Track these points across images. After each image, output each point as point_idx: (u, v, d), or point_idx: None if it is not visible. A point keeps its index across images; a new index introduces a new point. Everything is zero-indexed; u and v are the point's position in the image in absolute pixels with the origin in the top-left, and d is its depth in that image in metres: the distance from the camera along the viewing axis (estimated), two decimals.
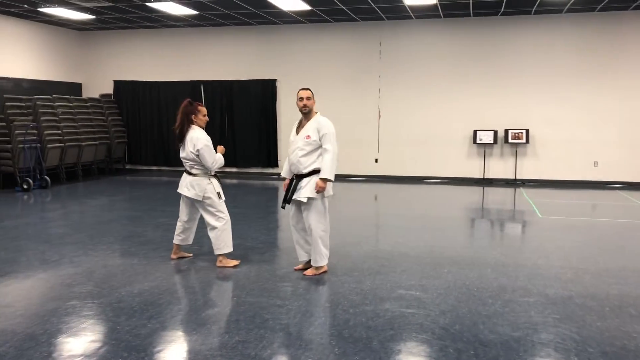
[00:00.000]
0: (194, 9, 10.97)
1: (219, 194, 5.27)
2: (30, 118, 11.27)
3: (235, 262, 5.36)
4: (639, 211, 8.80)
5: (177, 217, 5.56)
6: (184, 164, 5.34)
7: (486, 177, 12.17)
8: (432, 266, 5.37)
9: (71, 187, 11.21)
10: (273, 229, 7.47)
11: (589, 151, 11.62)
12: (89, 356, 3.34)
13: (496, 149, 12.12)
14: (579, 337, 3.66)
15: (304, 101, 4.92)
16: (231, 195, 9.03)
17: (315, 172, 4.90)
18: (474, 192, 11.00)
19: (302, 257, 5.21)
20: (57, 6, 10.72)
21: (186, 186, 5.28)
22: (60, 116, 11.94)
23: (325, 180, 4.84)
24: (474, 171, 12.26)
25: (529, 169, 11.99)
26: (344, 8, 10.86)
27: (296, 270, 5.20)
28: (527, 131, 11.68)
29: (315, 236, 4.93)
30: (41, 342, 3.54)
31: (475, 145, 12.13)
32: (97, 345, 3.52)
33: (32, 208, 8.87)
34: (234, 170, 13.50)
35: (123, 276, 5.01)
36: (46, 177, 10.80)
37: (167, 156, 13.82)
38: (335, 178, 4.90)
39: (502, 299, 4.42)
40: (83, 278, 4.95)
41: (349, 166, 12.39)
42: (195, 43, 13.46)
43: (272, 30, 12.98)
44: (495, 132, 11.84)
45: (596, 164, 11.61)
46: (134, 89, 13.91)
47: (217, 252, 5.32)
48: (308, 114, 4.96)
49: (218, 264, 5.34)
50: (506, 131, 11.80)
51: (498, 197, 10.48)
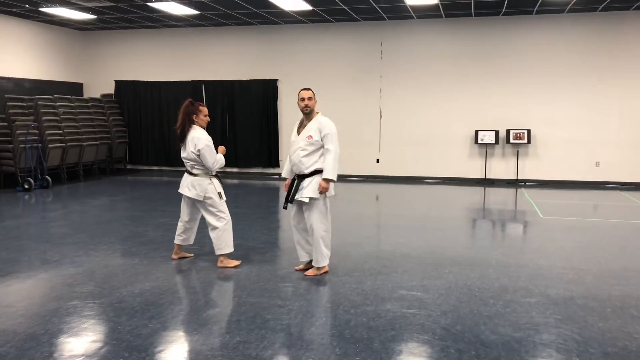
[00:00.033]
0: (195, 8, 10.98)
1: (220, 194, 5.27)
2: (32, 118, 11.28)
3: (236, 263, 5.36)
4: None
5: (178, 217, 5.56)
6: (185, 164, 5.35)
7: (488, 177, 12.16)
8: (433, 266, 5.36)
9: (72, 187, 11.22)
10: (274, 229, 7.47)
11: (590, 151, 11.60)
12: (90, 356, 3.34)
13: (498, 149, 12.12)
14: (581, 337, 3.65)
15: (305, 101, 4.92)
16: (232, 195, 9.03)
17: (317, 172, 4.90)
18: (476, 192, 10.99)
19: (302, 257, 5.20)
20: (59, 6, 10.72)
21: (187, 186, 5.28)
22: (62, 116, 11.96)
23: (328, 181, 4.84)
24: (475, 171, 12.25)
25: (530, 169, 11.98)
26: (345, 8, 10.86)
27: (297, 270, 5.20)
28: (528, 131, 11.67)
29: (316, 236, 4.92)
30: (42, 342, 3.54)
31: (476, 145, 12.13)
32: (98, 345, 3.52)
33: (34, 208, 8.88)
34: (235, 170, 13.50)
35: (124, 276, 5.01)
36: (47, 177, 10.81)
37: (168, 156, 13.82)
38: (337, 178, 4.90)
39: (503, 299, 4.41)
40: (84, 278, 4.95)
41: (350, 166, 12.39)
42: (197, 43, 13.47)
43: (273, 30, 12.98)
44: (497, 133, 11.83)
45: (598, 164, 11.60)
46: (135, 89, 13.92)
47: (218, 252, 5.32)
48: (309, 114, 4.96)
49: (219, 264, 5.34)
50: (508, 131, 11.79)
51: (499, 197, 10.47)
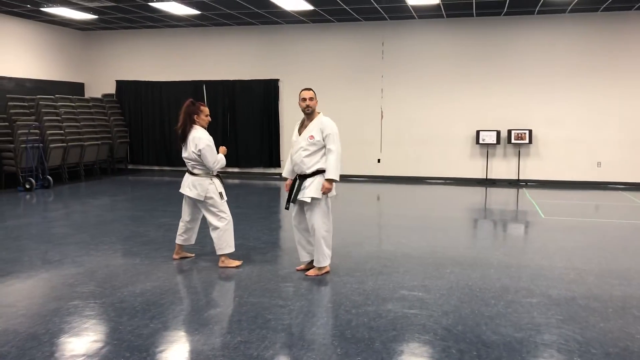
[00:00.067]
0: (197, 8, 10.98)
1: (220, 194, 5.27)
2: (33, 118, 11.29)
3: (237, 263, 5.35)
4: None
5: (179, 217, 5.56)
6: (186, 164, 5.34)
7: (489, 177, 12.15)
8: (434, 267, 5.36)
9: (73, 187, 11.22)
10: (275, 229, 7.47)
11: (592, 152, 11.59)
12: (91, 356, 3.34)
13: (499, 149, 12.11)
14: (582, 338, 3.65)
15: (306, 102, 4.91)
16: (233, 195, 9.02)
17: (318, 172, 4.90)
18: (477, 192, 10.99)
19: (303, 257, 5.20)
20: (60, 6, 10.73)
21: (188, 186, 5.28)
22: (63, 116, 11.97)
23: (331, 181, 4.84)
24: (476, 171, 12.24)
25: (532, 169, 11.97)
26: (346, 8, 10.85)
27: (298, 270, 5.19)
28: (530, 131, 11.66)
29: (318, 236, 4.92)
30: (43, 342, 3.54)
31: (478, 145, 12.12)
32: (99, 345, 3.52)
33: (35, 208, 8.89)
34: (236, 170, 13.50)
35: (125, 276, 5.01)
36: (48, 176, 10.81)
37: (169, 156, 13.83)
38: (339, 178, 4.90)
39: (504, 299, 4.41)
40: (85, 278, 4.95)
41: (351, 166, 12.38)
42: (198, 43, 13.47)
43: (274, 30, 12.98)
44: (498, 133, 11.82)
45: (599, 164, 11.58)
46: (136, 89, 13.93)
47: (219, 252, 5.32)
48: (311, 114, 4.95)
49: (220, 264, 5.33)
50: (509, 131, 11.78)
51: (501, 197, 10.46)
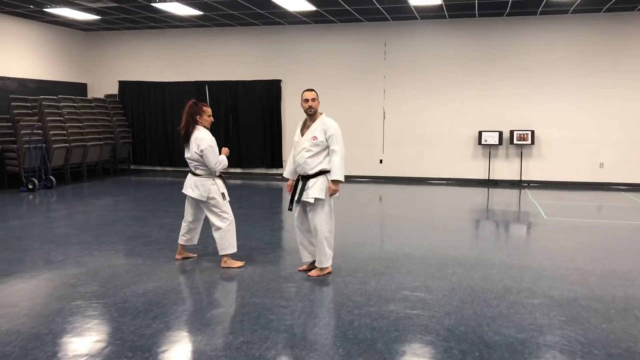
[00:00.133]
0: (199, 9, 10.99)
1: (223, 194, 5.27)
2: (36, 118, 11.32)
3: (239, 264, 5.35)
4: None
5: (181, 217, 5.57)
6: (188, 165, 5.35)
7: (491, 178, 12.14)
8: (436, 267, 5.36)
9: (76, 187, 11.24)
10: (277, 229, 7.47)
11: (594, 152, 11.57)
12: (93, 356, 3.35)
13: (501, 150, 12.09)
14: (585, 339, 3.64)
15: (309, 102, 4.91)
16: (235, 195, 9.03)
17: (321, 172, 4.90)
18: (479, 193, 10.98)
19: (305, 258, 5.20)
20: (63, 7, 10.76)
21: (190, 187, 5.29)
22: (66, 116, 11.99)
23: (337, 182, 4.85)
24: (479, 172, 12.23)
25: (534, 170, 11.96)
26: (349, 9, 10.85)
27: (300, 271, 5.19)
28: (532, 132, 11.64)
29: (320, 237, 4.92)
30: (46, 342, 3.55)
31: (480, 146, 12.10)
32: (102, 345, 3.53)
33: (37, 208, 8.91)
34: (238, 170, 13.51)
35: (127, 276, 5.01)
36: (51, 177, 10.84)
37: (172, 156, 13.84)
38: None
39: (507, 300, 4.40)
40: (88, 278, 4.96)
41: (353, 167, 12.37)
42: (200, 43, 13.49)
43: (277, 31, 12.99)
44: (501, 133, 11.81)
45: (602, 165, 11.57)
46: (138, 90, 13.95)
47: (221, 253, 5.32)
48: (313, 115, 4.95)
49: (222, 264, 5.34)
50: (511, 132, 11.76)
51: (503, 198, 10.45)
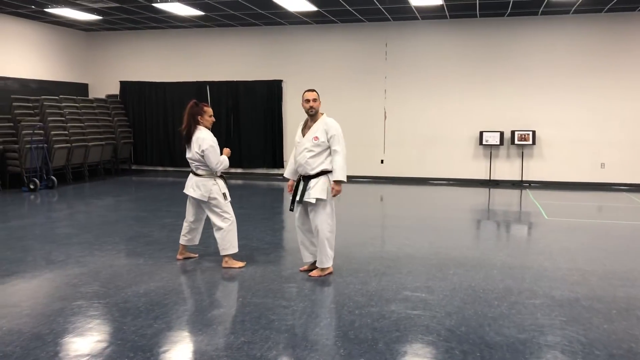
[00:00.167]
0: (200, 9, 11.00)
1: (224, 194, 5.28)
2: (37, 118, 11.33)
3: (241, 264, 5.35)
4: None
5: (183, 217, 5.58)
6: (190, 165, 5.36)
7: (492, 178, 12.14)
8: (437, 267, 5.36)
9: (77, 187, 11.26)
10: (278, 229, 7.48)
11: (595, 153, 11.56)
12: (95, 356, 3.35)
13: (502, 150, 12.09)
14: (586, 339, 3.64)
15: (310, 103, 4.91)
16: (237, 196, 9.02)
17: (323, 172, 4.90)
18: (480, 193, 10.97)
19: (306, 258, 5.20)
20: (64, 7, 10.77)
21: (192, 187, 5.29)
22: (67, 116, 12.00)
23: (340, 182, 4.85)
24: (479, 172, 12.22)
25: (535, 170, 11.95)
26: (349, 9, 10.86)
27: (301, 271, 5.20)
28: (533, 132, 11.64)
29: (322, 237, 4.92)
30: (47, 342, 3.55)
31: (481, 146, 12.10)
32: (103, 345, 3.53)
33: (39, 208, 8.92)
34: (239, 171, 13.52)
35: (129, 276, 5.02)
36: (53, 177, 10.85)
37: (173, 157, 13.85)
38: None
39: (508, 300, 4.41)
40: (89, 278, 4.96)
41: (354, 167, 12.33)
42: (201, 44, 13.50)
43: (278, 31, 12.99)
44: (502, 134, 11.81)
45: (603, 165, 11.56)
46: (140, 90, 13.96)
47: (222, 253, 5.33)
48: (314, 115, 4.95)
49: (224, 264, 5.34)
50: (512, 132, 11.76)
51: (504, 198, 10.45)
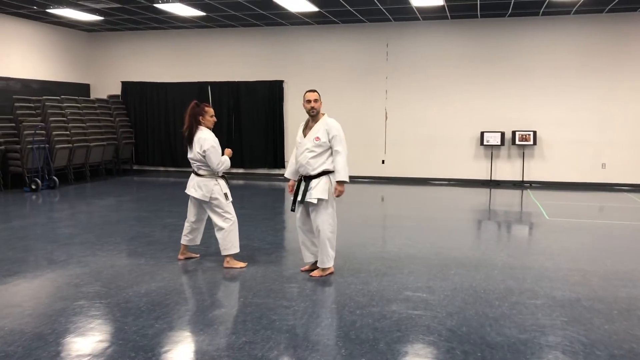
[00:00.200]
0: (202, 10, 11.01)
1: (226, 194, 5.28)
2: (39, 119, 11.35)
3: (242, 264, 5.36)
4: None
5: (184, 217, 5.58)
6: (191, 165, 5.37)
7: (493, 178, 12.14)
8: (439, 268, 5.36)
9: (79, 187, 11.27)
10: (280, 230, 7.48)
11: (597, 153, 11.56)
12: (96, 356, 3.36)
13: (503, 151, 12.09)
14: (587, 340, 3.64)
15: (311, 103, 4.91)
16: (238, 196, 9.03)
17: (324, 173, 4.90)
18: (481, 193, 10.97)
19: (307, 258, 5.21)
20: (66, 7, 10.79)
21: (193, 187, 5.30)
22: (69, 117, 12.02)
23: (342, 183, 4.86)
24: (480, 173, 12.22)
25: (536, 170, 11.95)
26: (351, 9, 10.86)
27: (303, 271, 5.20)
28: (534, 133, 11.64)
29: (323, 237, 4.93)
30: (49, 342, 3.56)
31: (482, 146, 12.10)
32: (105, 345, 3.54)
33: (40, 208, 8.93)
34: (240, 171, 13.53)
35: (130, 276, 5.03)
36: (54, 177, 10.86)
37: (174, 157, 13.86)
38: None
39: (509, 301, 4.41)
40: (91, 278, 4.97)
41: (355, 167, 12.28)
42: (203, 44, 13.51)
43: (279, 32, 13.00)
44: (503, 134, 11.80)
45: (604, 165, 11.55)
46: (141, 90, 13.97)
47: (224, 253, 5.33)
48: (315, 116, 4.96)
49: (225, 264, 5.35)
50: (513, 133, 11.76)
51: (505, 198, 10.44)
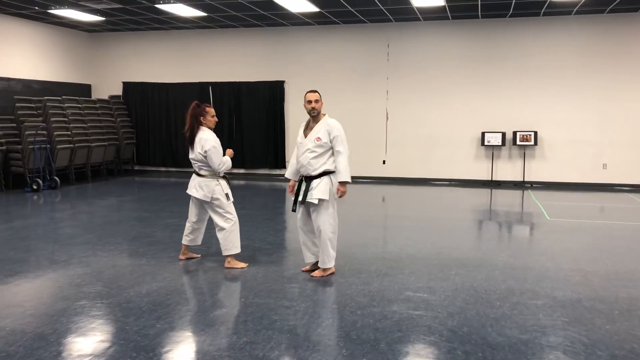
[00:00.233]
0: (203, 10, 11.02)
1: (227, 195, 5.29)
2: (40, 119, 11.36)
3: (243, 265, 5.36)
4: None
5: (185, 217, 5.59)
6: (193, 165, 5.37)
7: (494, 179, 12.13)
8: (439, 268, 5.36)
9: (80, 187, 11.28)
10: (281, 230, 7.49)
11: (597, 153, 11.55)
12: (97, 356, 3.36)
13: (504, 151, 12.08)
14: (588, 340, 3.64)
15: (312, 104, 4.92)
16: (239, 196, 9.05)
17: (325, 173, 4.91)
18: (482, 194, 10.97)
19: (308, 259, 5.21)
20: (67, 8, 10.80)
21: (195, 187, 5.31)
22: (70, 117, 12.03)
23: (344, 183, 4.86)
24: (481, 173, 12.22)
25: (537, 171, 11.94)
26: (351, 10, 10.86)
27: (303, 271, 5.20)
28: (535, 133, 11.63)
29: (324, 238, 4.93)
30: (50, 342, 3.56)
31: (483, 147, 12.10)
32: (106, 345, 3.54)
33: (42, 208, 8.94)
34: (241, 171, 13.53)
35: (131, 276, 5.03)
36: (55, 177, 10.87)
37: (175, 157, 13.87)
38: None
39: (510, 301, 4.41)
40: (92, 278, 4.98)
41: (356, 168, 12.23)
42: (204, 45, 13.52)
43: (280, 32, 13.00)
44: (504, 134, 11.80)
45: (605, 166, 11.55)
46: (142, 90, 13.98)
47: (225, 253, 5.33)
48: (316, 116, 4.96)
49: (226, 264, 5.35)
50: (514, 133, 11.76)
51: (506, 199, 10.44)
